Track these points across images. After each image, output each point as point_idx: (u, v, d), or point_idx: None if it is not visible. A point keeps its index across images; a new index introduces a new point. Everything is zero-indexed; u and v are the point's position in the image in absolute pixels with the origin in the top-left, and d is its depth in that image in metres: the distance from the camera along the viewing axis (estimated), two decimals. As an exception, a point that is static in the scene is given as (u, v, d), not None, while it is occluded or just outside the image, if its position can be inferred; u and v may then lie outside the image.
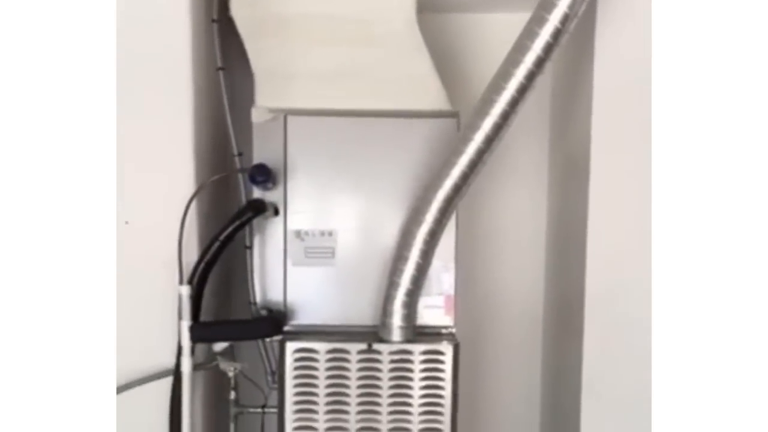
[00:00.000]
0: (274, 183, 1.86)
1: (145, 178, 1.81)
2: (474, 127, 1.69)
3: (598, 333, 1.92)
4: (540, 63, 1.64)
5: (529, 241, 2.40)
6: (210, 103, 1.93)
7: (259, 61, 1.91)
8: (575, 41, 1.92)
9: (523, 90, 1.66)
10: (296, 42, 1.91)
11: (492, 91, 1.68)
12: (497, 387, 2.44)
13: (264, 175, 1.79)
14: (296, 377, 1.81)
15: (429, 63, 1.91)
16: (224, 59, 1.95)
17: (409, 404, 1.82)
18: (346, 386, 1.81)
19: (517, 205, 2.39)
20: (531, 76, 1.65)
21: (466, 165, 1.71)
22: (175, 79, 1.81)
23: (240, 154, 1.93)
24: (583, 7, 1.60)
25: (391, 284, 1.80)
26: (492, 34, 2.19)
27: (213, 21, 1.91)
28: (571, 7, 1.58)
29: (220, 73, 1.92)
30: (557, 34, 1.61)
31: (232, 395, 1.95)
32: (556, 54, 1.65)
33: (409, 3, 1.91)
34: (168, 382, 1.82)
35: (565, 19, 1.59)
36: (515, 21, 1.69)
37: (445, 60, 2.06)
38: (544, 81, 1.81)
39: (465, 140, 1.70)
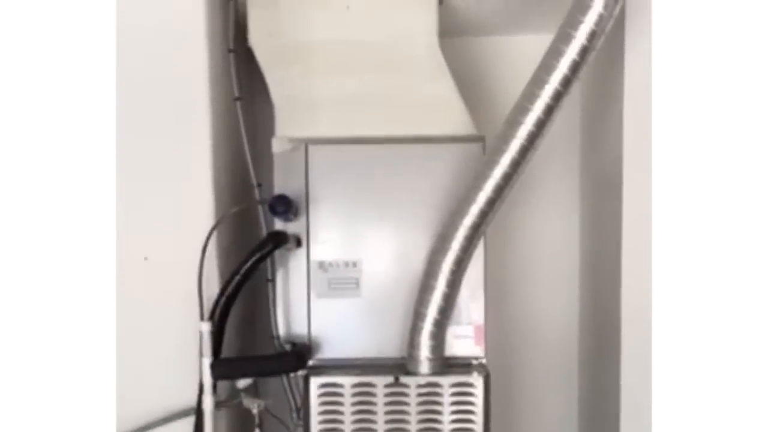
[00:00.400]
0: (296, 214, 1.82)
1: (163, 212, 1.79)
2: (500, 151, 1.65)
3: (636, 358, 1.84)
4: (567, 82, 1.59)
5: (561, 266, 2.35)
6: (229, 134, 1.91)
7: (278, 90, 1.88)
8: (604, 58, 1.87)
9: (549, 111, 1.62)
10: (316, 70, 1.89)
11: (518, 113, 1.64)
12: (532, 419, 2.37)
13: (284, 206, 1.75)
14: (321, 413, 1.77)
15: (452, 87, 1.88)
16: (243, 89, 1.92)
17: (439, 439, 1.76)
18: (373, 421, 1.76)
19: (548, 229, 2.35)
20: (558, 96, 1.60)
21: (492, 190, 1.67)
22: (193, 111, 1.78)
23: (260, 185, 1.91)
24: (611, 23, 1.55)
25: (418, 315, 1.76)
26: (515, 57, 2.17)
27: (229, 51, 1.89)
28: (598, 23, 1.54)
29: (238, 103, 1.89)
30: (584, 52, 1.56)
31: (257, 433, 1.89)
32: (583, 72, 1.60)
33: (430, 27, 1.89)
34: (190, 421, 1.78)
35: (592, 36, 1.55)
36: (539, 42, 1.67)
37: (469, 84, 2.03)
38: (573, 100, 1.76)
39: (491, 164, 1.66)
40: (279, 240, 1.76)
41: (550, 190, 2.34)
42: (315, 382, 1.76)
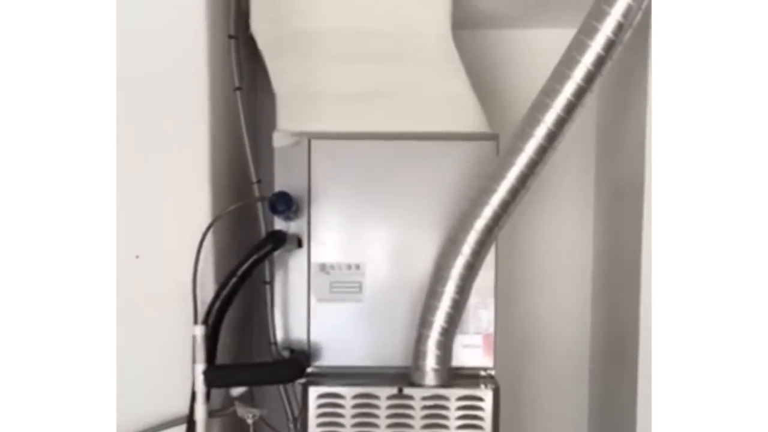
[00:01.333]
0: (297, 212, 1.77)
1: (156, 208, 1.72)
2: (516, 151, 1.58)
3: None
4: (590, 78, 1.52)
5: (574, 274, 2.28)
6: (228, 127, 1.84)
7: (281, 81, 1.82)
8: (625, 52, 1.78)
9: (571, 108, 1.54)
10: (321, 60, 1.82)
11: (536, 110, 1.57)
12: (541, 433, 2.29)
13: (285, 204, 1.69)
14: (320, 425, 1.70)
15: (465, 81, 1.81)
16: (244, 79, 1.85)
17: (445, 455, 1.70)
18: None
19: (560, 234, 2.28)
20: (580, 93, 1.53)
21: (507, 192, 1.60)
22: (190, 101, 1.71)
23: (259, 181, 1.84)
24: (639, 15, 1.46)
25: (424, 323, 1.69)
26: (533, 51, 2.12)
27: (230, 37, 1.81)
28: (626, 15, 1.45)
29: (238, 93, 1.82)
30: (610, 46, 1.49)
31: (252, 444, 1.84)
32: (607, 68, 1.52)
33: (443, 16, 1.83)
34: (181, 430, 1.71)
35: (619, 29, 1.47)
36: (557, 37, 1.61)
37: (483, 79, 1.97)
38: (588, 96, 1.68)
39: (506, 165, 1.60)
40: (279, 240, 1.71)
41: (564, 193, 2.27)
42: (314, 392, 1.70)
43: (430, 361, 1.68)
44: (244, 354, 2.02)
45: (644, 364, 1.76)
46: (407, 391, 1.69)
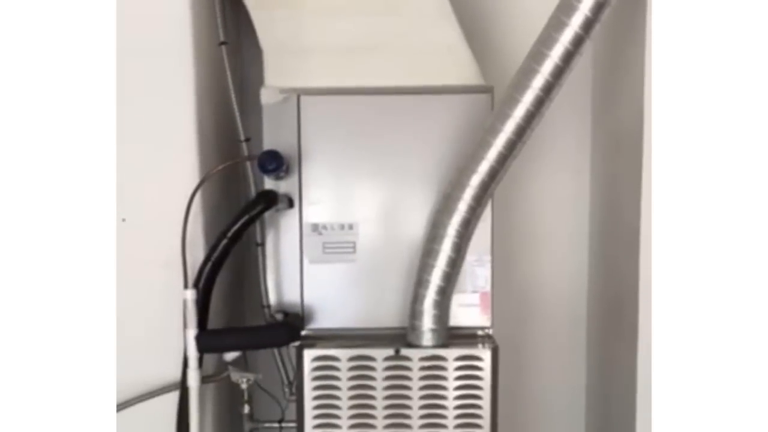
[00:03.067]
0: (287, 171, 1.74)
1: (143, 169, 1.68)
2: (513, 102, 1.56)
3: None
4: (588, 25, 1.50)
5: (571, 230, 2.25)
6: (215, 83, 1.80)
7: (268, 35, 1.77)
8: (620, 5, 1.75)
9: (568, 57, 1.52)
10: (309, 12, 1.77)
11: (533, 60, 1.55)
12: (539, 394, 2.30)
13: (275, 163, 1.66)
14: (316, 388, 1.69)
15: (458, 32, 1.77)
16: (230, 33, 1.83)
17: (443, 416, 1.69)
18: (372, 397, 1.69)
19: (556, 191, 2.24)
20: (578, 41, 1.51)
21: (503, 145, 1.58)
22: (174, 56, 1.68)
23: (248, 140, 1.80)
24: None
25: (420, 282, 1.67)
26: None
27: (215, -11, 1.78)
28: None
29: (223, 48, 1.78)
30: None
31: (246, 409, 1.83)
32: (606, 15, 1.50)
33: None
34: (174, 396, 1.70)
35: None
36: None
37: (476, 29, 1.91)
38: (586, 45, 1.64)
39: (502, 117, 1.57)
40: (270, 199, 1.69)
41: (559, 148, 2.22)
42: (309, 354, 1.68)
43: (427, 321, 1.66)
44: (236, 318, 2.00)
45: (644, 321, 1.74)
46: (404, 352, 1.67)
